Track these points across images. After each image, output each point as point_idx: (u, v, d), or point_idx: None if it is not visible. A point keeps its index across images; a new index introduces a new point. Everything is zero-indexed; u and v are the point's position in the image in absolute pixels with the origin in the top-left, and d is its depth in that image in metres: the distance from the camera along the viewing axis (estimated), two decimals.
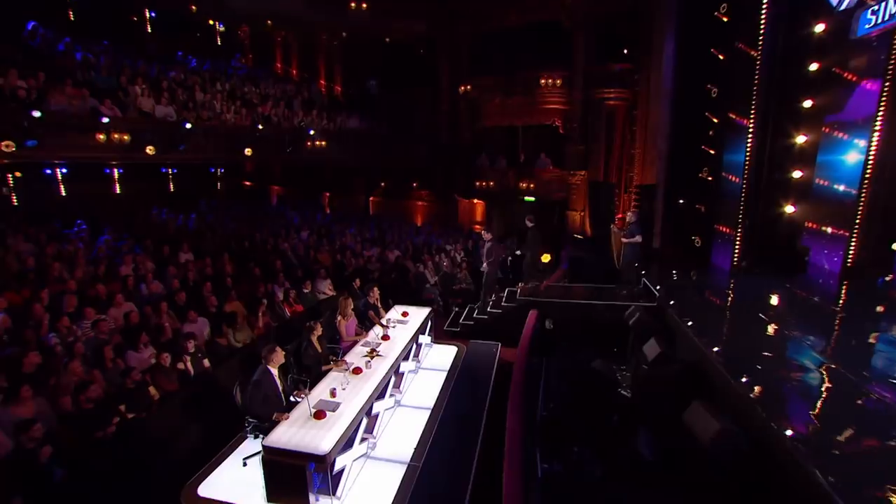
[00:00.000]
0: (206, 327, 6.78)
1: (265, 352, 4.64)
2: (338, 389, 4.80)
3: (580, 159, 12.76)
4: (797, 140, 9.55)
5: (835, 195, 9.47)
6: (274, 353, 4.62)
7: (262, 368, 4.58)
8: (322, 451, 3.81)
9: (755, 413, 4.31)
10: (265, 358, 4.60)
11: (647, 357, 6.08)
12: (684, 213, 10.96)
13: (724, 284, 9.33)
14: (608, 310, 8.26)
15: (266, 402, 4.47)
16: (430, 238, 13.93)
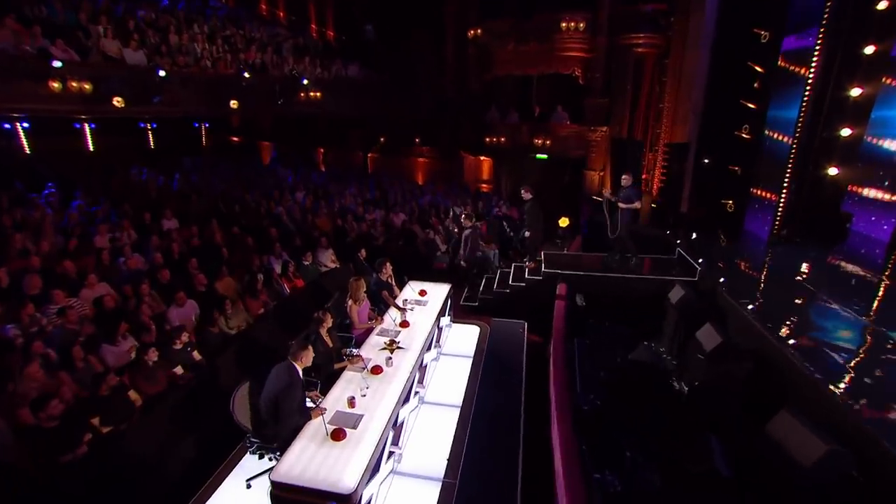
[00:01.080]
0: (195, 311, 5.91)
1: (295, 348, 3.82)
2: (356, 396, 4.02)
3: (602, 114, 11.58)
4: (852, 92, 8.51)
5: (888, 155, 8.59)
6: (305, 351, 3.83)
7: (288, 366, 3.76)
8: (346, 489, 3.06)
9: (859, 428, 3.64)
10: (294, 356, 3.78)
11: (703, 346, 5.36)
12: (716, 174, 10.01)
13: (768, 256, 8.47)
14: (643, 284, 7.51)
15: (300, 413, 3.71)
16: (435, 199, 12.92)
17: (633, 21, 10.56)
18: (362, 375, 4.42)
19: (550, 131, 12.17)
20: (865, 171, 8.79)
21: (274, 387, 3.65)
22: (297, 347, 3.82)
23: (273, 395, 3.62)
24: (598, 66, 11.33)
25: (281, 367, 3.76)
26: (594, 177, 12.32)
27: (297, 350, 3.81)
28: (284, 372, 3.72)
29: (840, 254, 8.50)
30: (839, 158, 8.96)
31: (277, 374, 3.73)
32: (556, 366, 5.18)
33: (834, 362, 4.51)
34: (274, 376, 3.74)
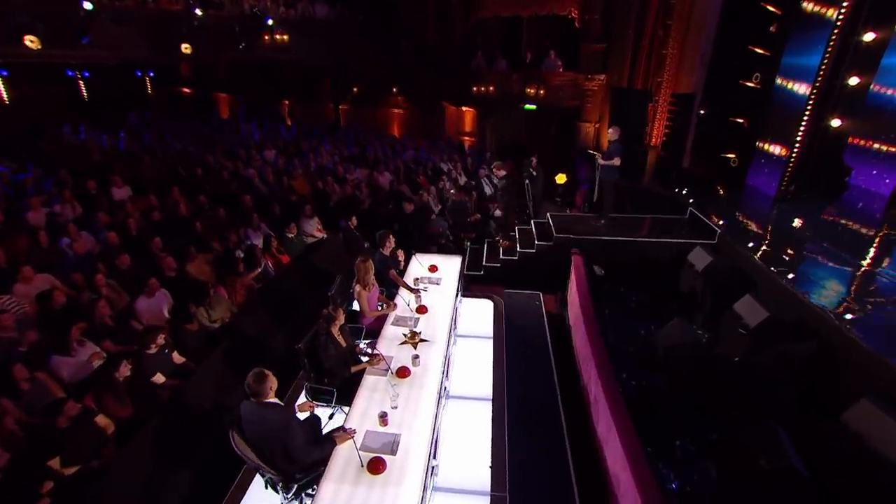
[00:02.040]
0: (168, 301, 4.97)
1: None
2: (387, 410, 3.35)
3: (599, 60, 10.66)
4: (865, 37, 8.00)
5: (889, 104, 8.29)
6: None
7: (277, 409, 2.95)
8: None
9: None
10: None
11: (744, 321, 4.97)
12: (721, 127, 9.49)
13: (784, 215, 8.10)
14: (659, 248, 7.05)
15: (319, 444, 3.02)
16: (419, 155, 11.88)
17: None
18: (387, 379, 3.74)
19: (543, 79, 11.19)
20: (869, 122, 8.49)
21: (266, 432, 2.85)
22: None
23: (269, 440, 2.86)
24: (596, 7, 10.28)
25: (267, 410, 2.87)
26: (589, 129, 11.58)
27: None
28: (273, 414, 2.89)
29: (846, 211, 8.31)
30: (842, 109, 8.59)
31: (262, 417, 2.86)
32: (595, 347, 4.65)
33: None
34: (257, 419, 2.86)
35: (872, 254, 6.35)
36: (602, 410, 4.22)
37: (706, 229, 7.08)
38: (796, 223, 7.62)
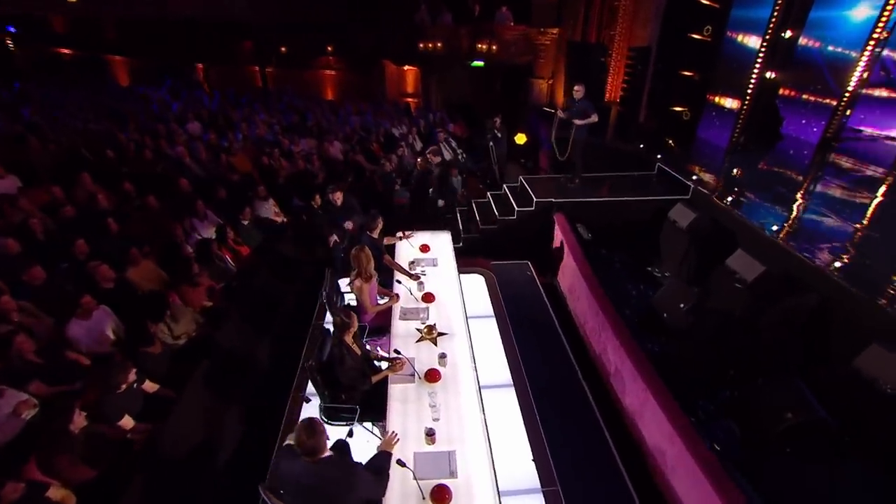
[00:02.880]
0: (111, 321, 4.03)
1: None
2: (429, 424, 2.92)
3: (552, 13, 10.22)
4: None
5: (824, 58, 8.81)
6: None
7: (334, 462, 2.35)
8: None
9: None
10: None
11: (739, 275, 5.05)
12: (673, 81, 9.59)
13: (740, 167, 8.39)
14: (638, 206, 7.03)
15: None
16: (367, 120, 10.93)
17: None
18: (416, 386, 3.28)
19: (495, 34, 10.58)
20: (798, 74, 8.99)
21: (328, 493, 2.24)
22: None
23: (331, 500, 2.27)
24: None
25: (327, 467, 2.26)
26: (542, 85, 11.26)
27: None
28: (336, 471, 2.28)
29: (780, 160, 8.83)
30: (777, 62, 8.97)
31: (322, 477, 2.23)
32: (609, 316, 4.49)
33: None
34: (318, 481, 2.23)
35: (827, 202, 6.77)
36: (629, 382, 4.11)
37: (679, 184, 7.14)
38: (753, 174, 7.96)
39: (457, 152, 9.95)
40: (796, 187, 7.12)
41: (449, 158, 9.21)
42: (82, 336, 3.87)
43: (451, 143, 10.07)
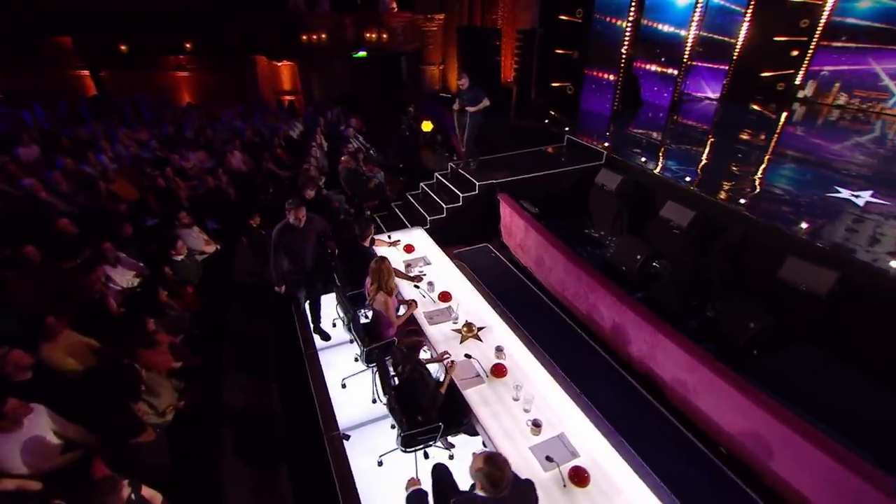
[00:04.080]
0: (47, 427, 3.08)
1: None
2: (523, 417, 2.95)
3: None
4: None
5: (662, 36, 10.56)
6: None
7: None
8: None
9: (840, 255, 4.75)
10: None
11: (675, 222, 5.94)
12: (556, 59, 10.52)
13: (640, 129, 9.63)
14: (566, 176, 7.66)
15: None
16: (256, 124, 9.81)
17: None
18: (488, 385, 3.25)
19: (382, 22, 10.31)
20: (645, 49, 10.66)
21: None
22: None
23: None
24: None
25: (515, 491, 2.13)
26: (434, 71, 11.39)
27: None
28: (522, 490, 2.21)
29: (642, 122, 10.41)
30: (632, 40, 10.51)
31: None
32: (593, 275, 4.93)
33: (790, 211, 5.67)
34: None
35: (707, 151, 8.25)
36: (633, 331, 4.59)
37: (593, 152, 7.95)
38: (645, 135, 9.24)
39: (367, 147, 9.60)
40: (682, 141, 8.58)
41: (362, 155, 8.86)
42: (16, 455, 2.88)
43: (359, 138, 9.67)
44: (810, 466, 3.15)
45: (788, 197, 6.12)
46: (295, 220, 4.05)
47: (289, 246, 4.19)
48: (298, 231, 4.13)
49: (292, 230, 4.10)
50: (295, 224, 4.07)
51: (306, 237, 4.22)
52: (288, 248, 4.20)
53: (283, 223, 4.12)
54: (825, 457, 3.04)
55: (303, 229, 4.14)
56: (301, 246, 4.24)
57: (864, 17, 10.01)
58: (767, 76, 11.21)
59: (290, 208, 4.04)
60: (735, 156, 7.78)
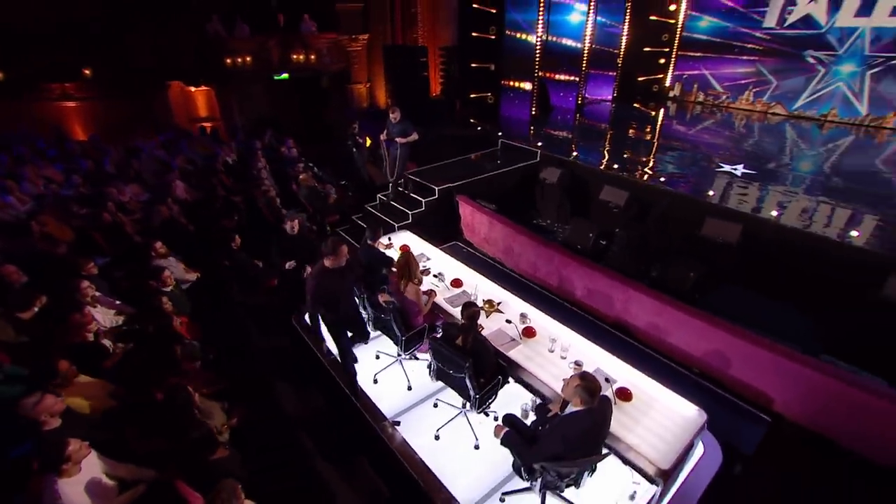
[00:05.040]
0: (96, 466, 3.00)
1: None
2: (562, 364, 3.56)
3: (358, 20, 10.71)
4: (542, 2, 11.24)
5: (564, 49, 12.14)
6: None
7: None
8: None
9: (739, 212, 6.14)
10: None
11: (612, 203, 7.05)
12: (476, 72, 11.50)
13: (554, 130, 10.86)
14: (511, 175, 8.51)
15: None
16: (185, 151, 9.32)
17: None
18: (523, 345, 3.82)
19: (308, 43, 10.46)
20: (552, 60, 12.17)
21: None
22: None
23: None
24: None
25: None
26: (361, 89, 11.76)
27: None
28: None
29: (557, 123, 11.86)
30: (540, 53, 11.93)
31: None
32: (563, 253, 5.77)
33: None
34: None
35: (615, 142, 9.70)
36: (606, 291, 5.44)
37: (526, 152, 8.94)
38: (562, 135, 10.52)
39: (311, 166, 9.66)
40: (589, 137, 9.96)
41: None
42: (86, 500, 2.78)
43: (301, 158, 9.68)
44: (760, 364, 4.18)
45: (687, 173, 7.61)
46: (335, 264, 3.63)
47: (326, 293, 3.70)
48: (337, 273, 3.68)
49: (330, 274, 3.66)
50: (334, 267, 3.63)
51: (344, 279, 3.80)
52: (326, 296, 3.71)
53: (318, 268, 3.71)
54: (769, 354, 4.07)
55: (341, 271, 3.69)
56: (339, 289, 3.79)
57: (705, 32, 12.47)
58: (643, 80, 13.38)
59: (328, 252, 3.60)
60: (632, 146, 9.34)
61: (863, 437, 3.71)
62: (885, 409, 3.59)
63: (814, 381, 3.88)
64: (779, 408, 4.16)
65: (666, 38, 12.91)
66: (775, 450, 3.85)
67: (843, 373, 3.87)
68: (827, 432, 3.89)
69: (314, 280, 3.69)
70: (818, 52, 10.47)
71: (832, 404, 3.84)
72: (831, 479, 3.62)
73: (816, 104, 10.87)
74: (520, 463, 2.88)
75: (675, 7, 12.29)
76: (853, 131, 10.16)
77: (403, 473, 3.49)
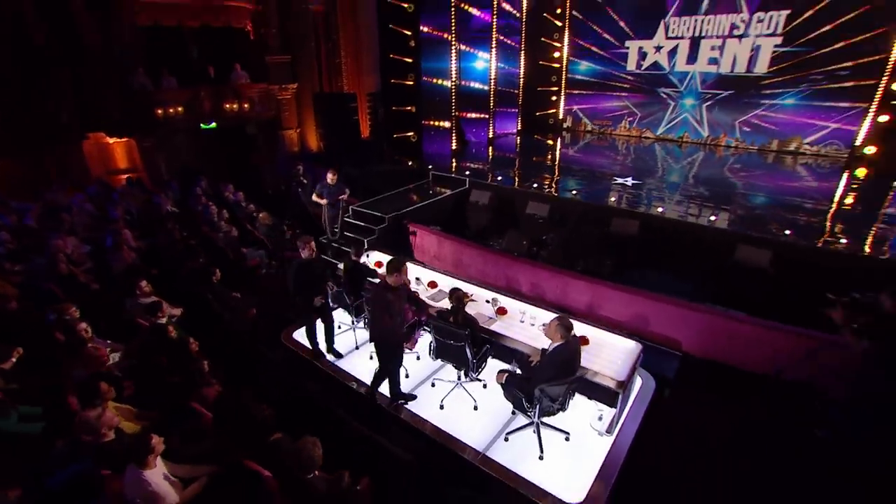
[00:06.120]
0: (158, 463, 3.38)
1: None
2: (534, 329, 4.60)
3: (287, 71, 11.40)
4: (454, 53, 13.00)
5: (474, 91, 13.95)
6: None
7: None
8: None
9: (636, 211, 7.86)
10: None
11: (538, 215, 8.48)
12: (399, 115, 12.73)
13: (472, 162, 12.29)
14: (445, 201, 9.66)
15: None
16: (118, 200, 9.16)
17: None
18: (499, 321, 4.81)
19: (239, 93, 10.94)
20: (466, 101, 13.90)
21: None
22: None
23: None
24: (273, 21, 10.87)
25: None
26: (292, 135, 12.37)
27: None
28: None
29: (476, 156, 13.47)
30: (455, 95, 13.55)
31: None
32: (511, 258, 6.94)
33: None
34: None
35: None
36: (547, 282, 6.66)
37: (455, 180, 10.20)
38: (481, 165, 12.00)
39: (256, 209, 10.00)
40: (503, 165, 11.59)
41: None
42: (169, 490, 3.15)
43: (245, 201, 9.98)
44: (668, 317, 5.59)
45: (591, 187, 9.38)
46: (399, 282, 4.18)
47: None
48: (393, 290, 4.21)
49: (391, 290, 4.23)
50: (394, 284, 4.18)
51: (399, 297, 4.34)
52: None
53: (382, 285, 4.38)
54: (674, 308, 5.50)
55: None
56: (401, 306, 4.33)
57: (585, 74, 15.11)
58: (540, 114, 15.68)
59: (393, 271, 4.14)
60: (540, 169, 11.11)
61: (737, 354, 5.21)
62: (748, 332, 5.13)
63: (703, 322, 5.36)
64: (685, 347, 5.57)
65: (555, 79, 15.37)
66: (687, 374, 5.21)
67: (719, 311, 5.41)
68: (716, 356, 5.36)
69: (377, 294, 4.31)
70: (668, 89, 13.33)
71: (717, 335, 5.32)
72: (722, 387, 5.03)
73: (674, 129, 13.71)
74: (521, 396, 3.79)
75: (558, 54, 14.77)
76: (702, 149, 13.00)
77: (425, 438, 4.20)
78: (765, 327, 5.11)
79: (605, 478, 3.82)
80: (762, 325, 5.13)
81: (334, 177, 7.79)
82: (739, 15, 11.51)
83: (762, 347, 5.11)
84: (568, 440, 4.11)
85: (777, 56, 11.36)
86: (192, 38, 10.50)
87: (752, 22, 11.42)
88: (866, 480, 3.78)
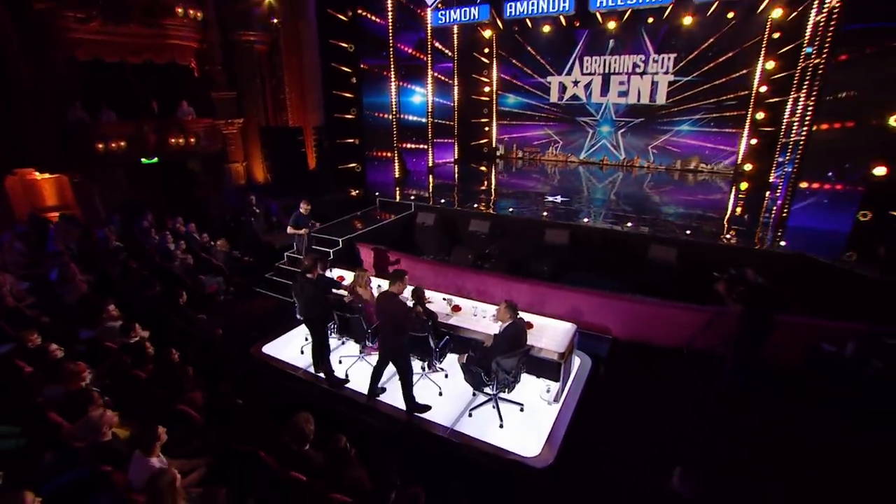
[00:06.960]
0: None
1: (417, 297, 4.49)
2: (486, 320, 5.31)
3: (232, 106, 11.63)
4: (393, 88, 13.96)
5: (413, 124, 14.93)
6: None
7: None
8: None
9: (566, 222, 8.95)
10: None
11: (479, 231, 9.34)
12: (343, 147, 13.35)
13: (414, 189, 13.03)
14: (394, 224, 10.28)
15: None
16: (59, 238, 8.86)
17: (244, 19, 11.22)
18: (456, 316, 5.48)
19: (185, 128, 11.05)
20: (406, 133, 14.84)
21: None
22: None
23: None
24: (217, 59, 11.19)
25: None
26: (238, 168, 12.54)
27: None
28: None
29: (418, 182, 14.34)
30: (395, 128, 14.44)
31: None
32: (469, 270, 7.68)
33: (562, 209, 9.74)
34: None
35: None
36: (493, 287, 7.42)
37: (401, 205, 10.90)
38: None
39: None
40: (443, 192, 12.49)
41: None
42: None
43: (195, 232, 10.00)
44: (600, 308, 6.53)
45: (526, 205, 10.45)
46: (401, 290, 4.76)
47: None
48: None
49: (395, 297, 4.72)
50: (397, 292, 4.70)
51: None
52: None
53: (388, 293, 4.77)
54: (605, 299, 6.45)
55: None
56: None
57: (513, 106, 16.67)
58: (475, 144, 16.96)
59: (396, 280, 4.72)
60: (478, 193, 12.14)
61: (657, 333, 6.21)
62: (663, 314, 6.16)
63: (628, 309, 6.35)
64: (615, 331, 6.51)
65: (486, 111, 16.78)
66: (617, 353, 6.12)
67: (640, 299, 6.43)
68: (640, 338, 6.33)
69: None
70: (586, 118, 15.11)
71: (639, 319, 6.32)
72: (646, 361, 5.97)
73: (595, 153, 15.44)
74: (480, 371, 4.42)
75: (488, 88, 16.23)
76: (620, 170, 14.76)
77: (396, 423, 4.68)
78: (675, 308, 6.18)
79: (554, 439, 4.50)
80: (673, 307, 6.19)
81: (308, 207, 8.01)
82: (640, 56, 13.57)
83: (675, 326, 6.15)
84: (522, 410, 4.77)
85: (672, 90, 13.43)
86: (135, 73, 10.57)
87: (649, 62, 13.48)
88: (756, 431, 4.68)
